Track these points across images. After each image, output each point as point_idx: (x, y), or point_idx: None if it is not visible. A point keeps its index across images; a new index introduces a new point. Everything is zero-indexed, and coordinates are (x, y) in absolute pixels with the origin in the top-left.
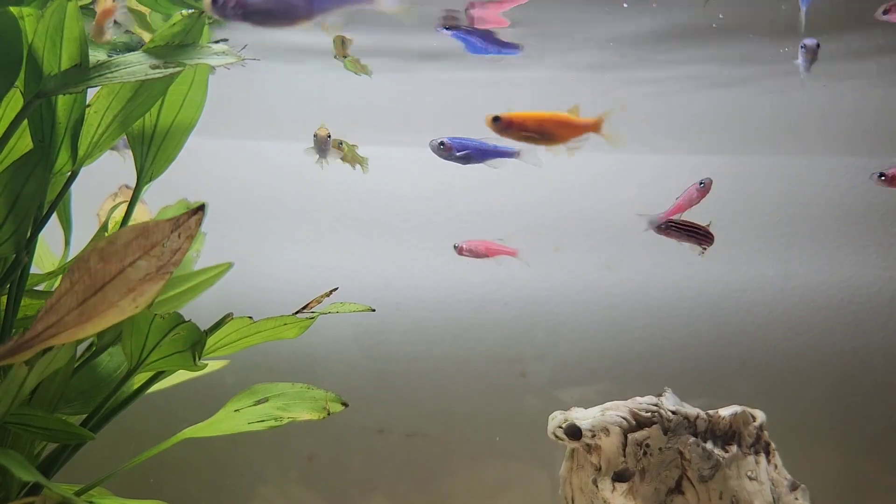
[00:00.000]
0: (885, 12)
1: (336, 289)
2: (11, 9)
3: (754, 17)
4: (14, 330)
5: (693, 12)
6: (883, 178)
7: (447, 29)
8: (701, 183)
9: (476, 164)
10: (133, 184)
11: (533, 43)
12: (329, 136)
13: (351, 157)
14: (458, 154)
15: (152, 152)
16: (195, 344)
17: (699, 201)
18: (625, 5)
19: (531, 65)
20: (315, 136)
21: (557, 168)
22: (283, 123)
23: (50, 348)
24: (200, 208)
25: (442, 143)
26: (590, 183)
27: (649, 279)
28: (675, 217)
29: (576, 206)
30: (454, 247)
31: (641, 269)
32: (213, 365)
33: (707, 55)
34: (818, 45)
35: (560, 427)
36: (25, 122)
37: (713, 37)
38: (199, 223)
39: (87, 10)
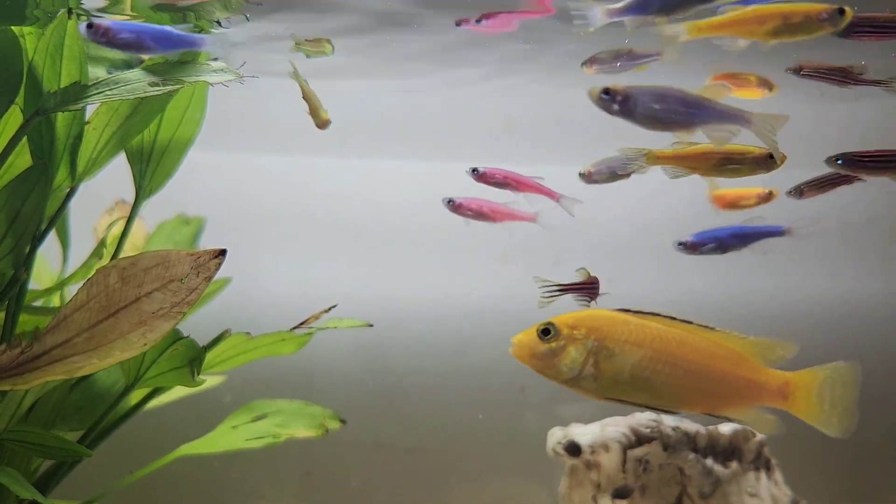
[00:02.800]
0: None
1: (335, 305)
2: (12, 27)
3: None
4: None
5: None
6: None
7: None
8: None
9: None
10: (128, 197)
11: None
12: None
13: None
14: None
15: (151, 169)
16: (193, 360)
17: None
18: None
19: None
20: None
21: (556, 183)
22: (280, 137)
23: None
24: (223, 252)
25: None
26: (589, 197)
27: (649, 293)
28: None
29: (575, 220)
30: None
31: (641, 284)
32: (210, 380)
33: (702, 64)
34: None
35: (559, 443)
36: (25, 138)
37: (711, 48)
38: (218, 266)
39: None
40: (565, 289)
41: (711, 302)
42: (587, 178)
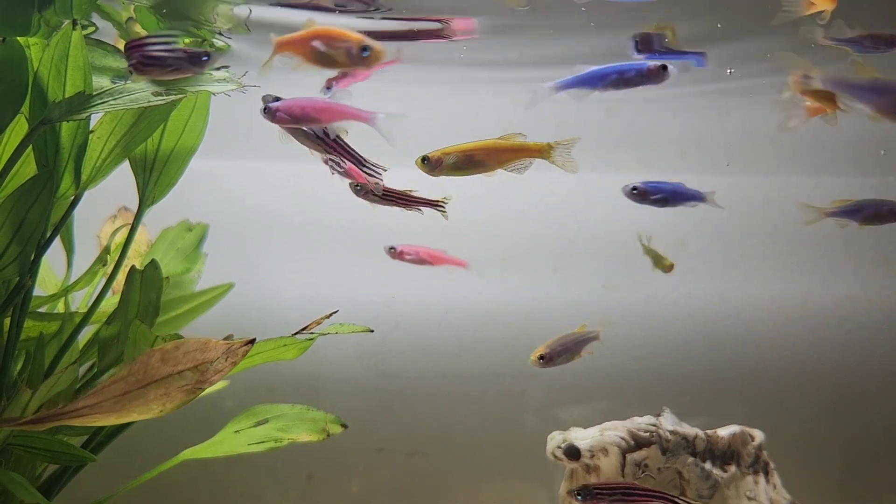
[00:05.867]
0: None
1: (336, 311)
2: (18, 38)
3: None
4: (17, 352)
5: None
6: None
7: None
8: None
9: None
10: (130, 204)
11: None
12: None
13: None
14: (652, 198)
15: (154, 177)
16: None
17: None
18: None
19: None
20: None
21: (556, 189)
22: (283, 144)
23: (51, 372)
24: (251, 341)
25: (635, 188)
26: (588, 204)
27: (647, 298)
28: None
29: (574, 226)
30: (390, 249)
31: (639, 289)
32: (213, 386)
33: (702, 71)
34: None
35: (559, 447)
36: (30, 147)
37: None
38: (245, 354)
39: (89, 41)
40: None
41: (709, 306)
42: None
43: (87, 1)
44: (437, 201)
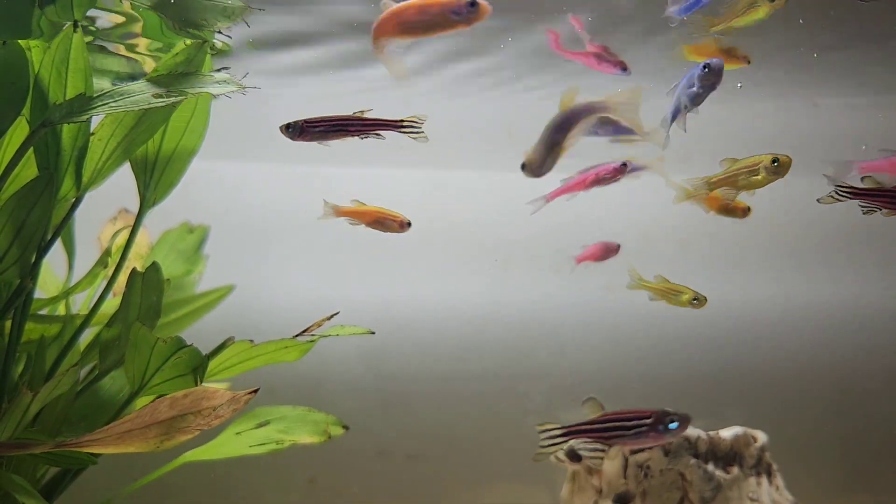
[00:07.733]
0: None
1: (337, 313)
2: (19, 41)
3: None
4: (18, 355)
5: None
6: None
7: None
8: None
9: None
10: (130, 206)
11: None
12: None
13: None
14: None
15: (155, 179)
16: (196, 368)
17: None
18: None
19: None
20: None
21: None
22: (283, 146)
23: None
24: (255, 391)
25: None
26: (590, 206)
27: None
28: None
29: (575, 228)
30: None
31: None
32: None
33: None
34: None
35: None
36: (31, 150)
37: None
38: (247, 402)
39: (90, 46)
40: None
41: (712, 308)
42: None
43: (87, 0)
44: (404, 122)
